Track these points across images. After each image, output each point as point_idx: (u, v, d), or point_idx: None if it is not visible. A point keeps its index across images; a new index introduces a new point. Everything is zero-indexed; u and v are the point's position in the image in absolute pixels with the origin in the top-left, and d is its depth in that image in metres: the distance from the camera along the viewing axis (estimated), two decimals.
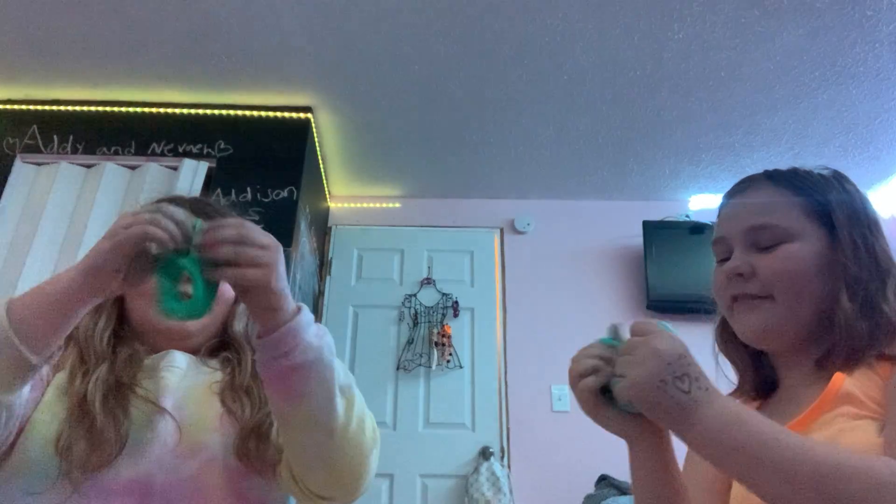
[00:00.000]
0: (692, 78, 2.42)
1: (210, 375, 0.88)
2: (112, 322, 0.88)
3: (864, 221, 0.78)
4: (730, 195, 0.84)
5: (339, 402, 0.74)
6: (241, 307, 0.95)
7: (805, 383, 0.74)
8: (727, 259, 0.80)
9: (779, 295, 0.75)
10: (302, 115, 2.64)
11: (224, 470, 0.79)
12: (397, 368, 2.95)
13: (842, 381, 0.68)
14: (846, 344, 0.71)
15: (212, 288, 0.67)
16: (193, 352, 0.92)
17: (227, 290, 0.91)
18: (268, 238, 0.68)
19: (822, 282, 0.74)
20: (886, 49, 2.23)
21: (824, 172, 0.82)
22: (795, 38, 2.20)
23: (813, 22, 2.12)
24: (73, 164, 2.47)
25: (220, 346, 0.94)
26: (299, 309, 0.71)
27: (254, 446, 0.80)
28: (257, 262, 0.65)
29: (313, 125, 2.69)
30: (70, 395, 0.77)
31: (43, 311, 0.66)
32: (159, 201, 0.97)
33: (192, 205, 0.94)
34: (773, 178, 0.81)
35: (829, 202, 0.78)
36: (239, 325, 0.94)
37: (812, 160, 3.14)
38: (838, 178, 0.82)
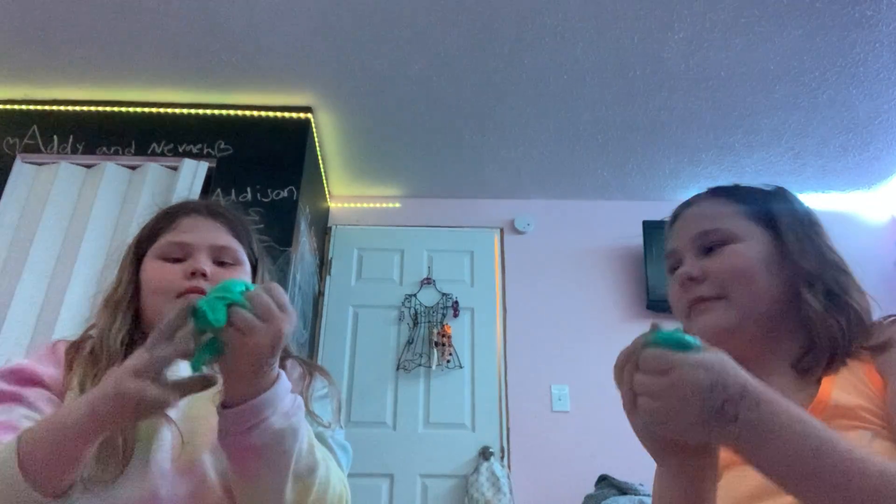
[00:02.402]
0: (692, 78, 2.42)
1: (218, 382, 0.86)
2: (127, 323, 0.87)
3: (806, 223, 0.82)
4: (676, 212, 0.88)
5: (290, 490, 0.71)
6: None
7: (784, 392, 0.73)
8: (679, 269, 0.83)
9: (731, 293, 0.77)
10: (302, 115, 2.64)
11: (223, 492, 0.76)
12: (397, 368, 2.95)
13: (829, 391, 0.67)
14: (825, 341, 0.72)
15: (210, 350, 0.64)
16: None
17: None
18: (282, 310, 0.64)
19: (771, 277, 0.77)
20: (886, 49, 2.23)
21: (766, 187, 0.87)
22: (795, 38, 2.20)
23: (813, 22, 2.12)
24: (73, 164, 2.47)
25: None
26: (274, 381, 0.67)
27: None
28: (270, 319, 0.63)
29: (313, 125, 2.69)
30: None
31: (54, 453, 0.62)
32: (175, 206, 0.97)
33: (206, 208, 0.95)
34: (715, 192, 0.86)
35: (770, 206, 0.82)
36: None
37: (812, 160, 3.15)
38: (780, 190, 0.86)
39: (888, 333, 0.69)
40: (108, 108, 2.61)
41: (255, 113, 2.62)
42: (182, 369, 0.80)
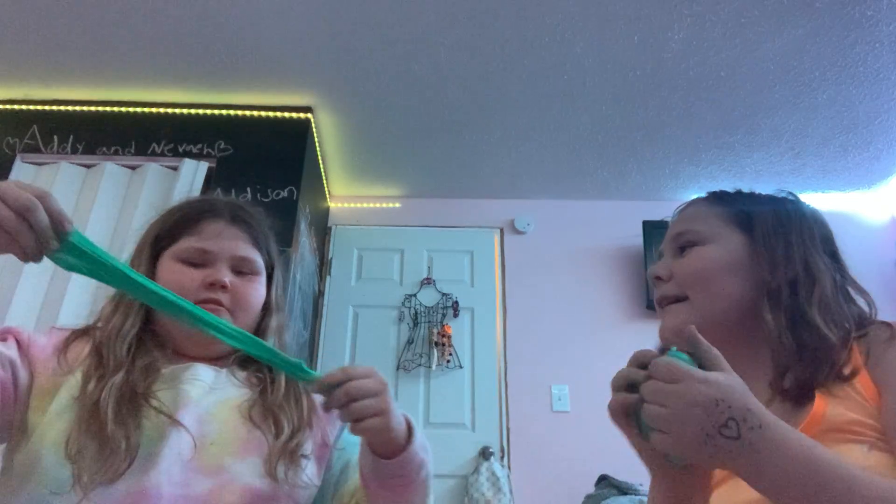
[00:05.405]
0: (692, 78, 2.42)
1: (238, 392, 0.85)
2: (138, 323, 0.85)
3: (790, 227, 0.78)
4: (673, 214, 0.89)
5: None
6: (274, 322, 0.94)
7: (775, 402, 0.71)
8: None
9: (692, 294, 0.77)
10: (302, 115, 2.64)
11: (246, 493, 0.76)
12: (397, 368, 2.95)
13: (824, 406, 0.65)
14: (778, 360, 0.71)
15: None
16: (222, 358, 0.89)
17: (254, 299, 0.91)
18: (376, 383, 0.73)
19: (734, 282, 0.76)
20: (886, 49, 2.23)
21: (776, 192, 0.84)
22: (795, 38, 2.20)
23: (813, 22, 2.12)
24: (73, 164, 2.47)
25: (250, 357, 0.93)
26: (410, 428, 0.79)
27: (283, 469, 0.78)
28: (374, 413, 0.72)
29: (313, 125, 2.69)
30: (82, 400, 0.74)
31: None
32: (198, 205, 0.95)
33: (230, 213, 0.94)
34: (709, 196, 0.86)
35: (750, 209, 0.80)
36: (269, 340, 0.91)
37: (812, 160, 3.14)
38: (782, 194, 0.84)
39: (879, 352, 0.67)
40: (108, 108, 2.61)
41: (255, 113, 2.62)
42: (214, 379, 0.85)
